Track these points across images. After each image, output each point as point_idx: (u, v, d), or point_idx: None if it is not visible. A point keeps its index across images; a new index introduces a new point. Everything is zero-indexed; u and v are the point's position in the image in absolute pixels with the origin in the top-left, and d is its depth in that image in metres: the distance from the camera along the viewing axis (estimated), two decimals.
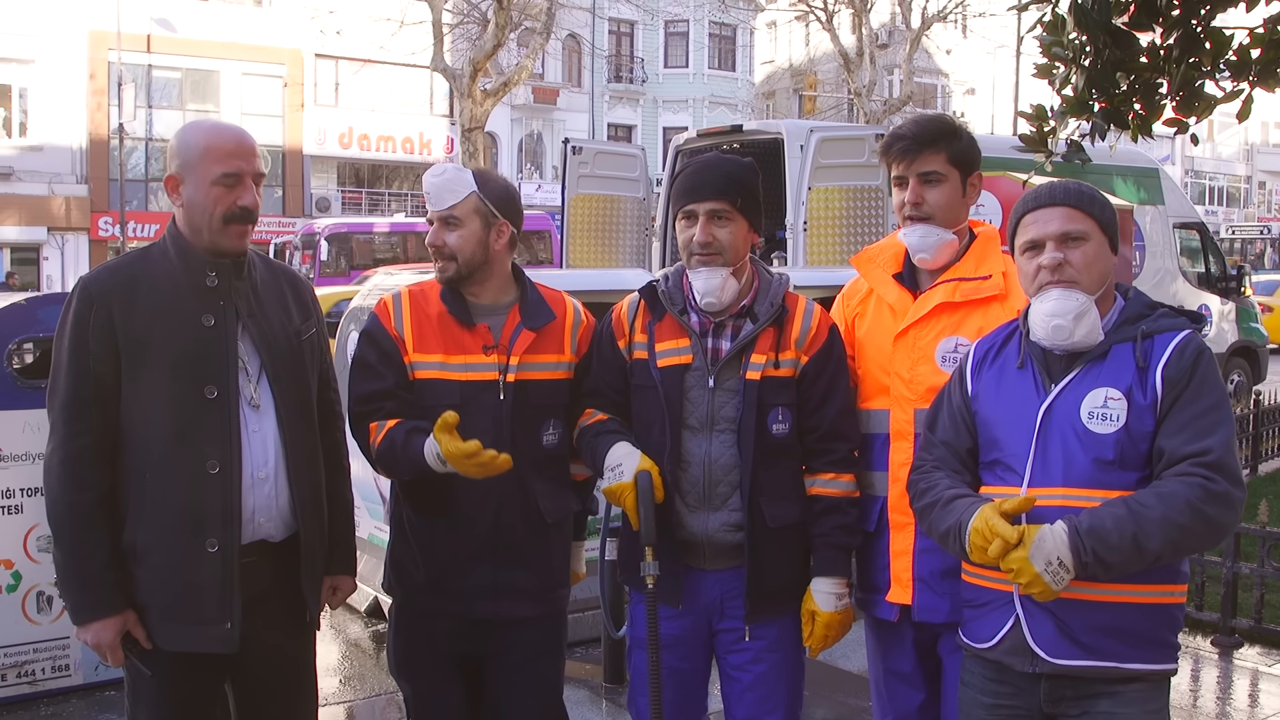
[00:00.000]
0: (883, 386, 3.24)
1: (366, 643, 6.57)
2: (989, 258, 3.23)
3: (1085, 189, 2.79)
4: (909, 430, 3.15)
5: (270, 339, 3.10)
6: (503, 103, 28.92)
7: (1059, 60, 7.05)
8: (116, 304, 2.94)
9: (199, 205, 2.99)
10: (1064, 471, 2.67)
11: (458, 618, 3.23)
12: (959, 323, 3.16)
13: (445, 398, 3.14)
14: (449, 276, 3.24)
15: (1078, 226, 2.74)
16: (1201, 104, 7.08)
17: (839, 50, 30.35)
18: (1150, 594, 2.65)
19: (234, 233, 3.02)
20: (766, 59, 51.79)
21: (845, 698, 5.42)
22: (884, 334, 3.26)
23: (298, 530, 3.12)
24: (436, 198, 3.24)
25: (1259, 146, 59.74)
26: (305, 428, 3.17)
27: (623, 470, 3.08)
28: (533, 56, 22.47)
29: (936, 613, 3.11)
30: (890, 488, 3.19)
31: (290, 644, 3.22)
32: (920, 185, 3.18)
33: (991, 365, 2.89)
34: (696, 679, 3.29)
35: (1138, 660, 2.65)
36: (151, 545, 2.97)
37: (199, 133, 3.04)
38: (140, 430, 2.96)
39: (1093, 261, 2.73)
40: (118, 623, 2.96)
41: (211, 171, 2.98)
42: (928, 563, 3.11)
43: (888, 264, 3.34)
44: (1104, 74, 6.95)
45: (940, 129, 3.22)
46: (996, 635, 2.76)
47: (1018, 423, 2.76)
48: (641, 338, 3.26)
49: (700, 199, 3.15)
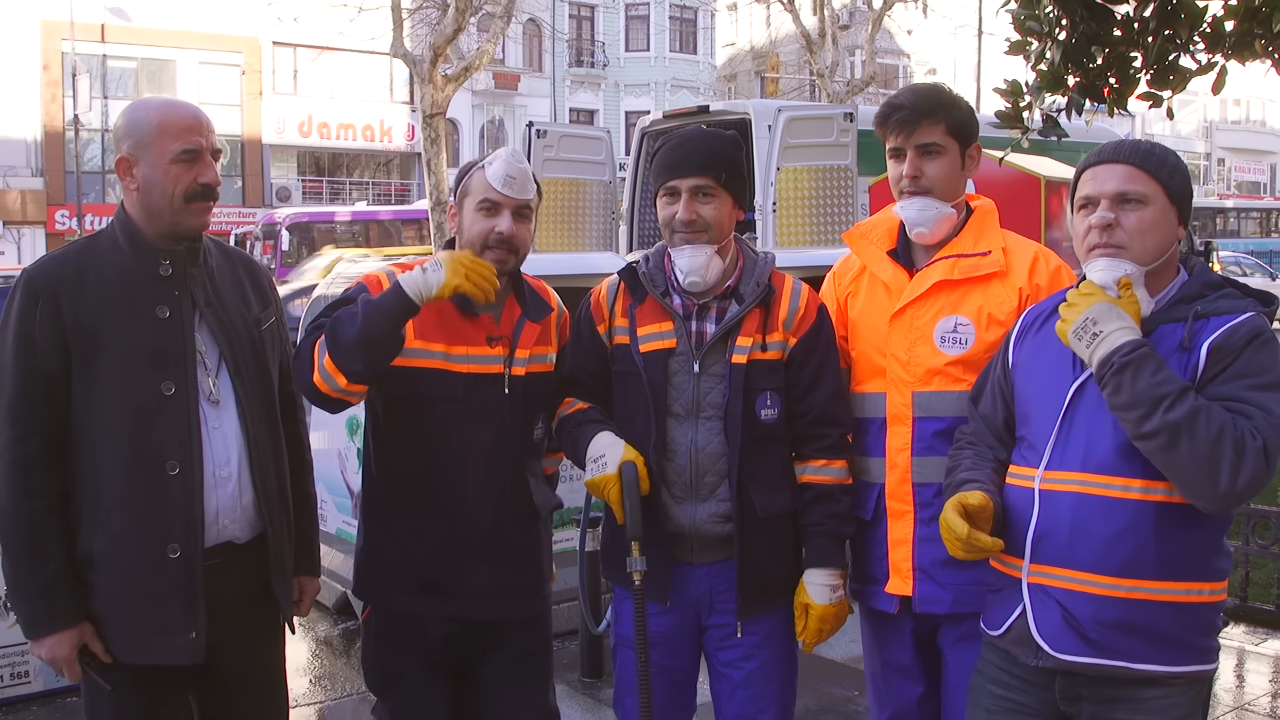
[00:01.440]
0: (878, 368, 3.11)
1: (336, 641, 6.41)
2: (987, 233, 3.10)
3: (1157, 149, 2.58)
4: (907, 414, 3.03)
5: (229, 329, 2.93)
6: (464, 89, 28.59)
7: (1033, 35, 6.97)
8: (64, 296, 2.76)
9: (157, 185, 2.82)
10: (1083, 456, 2.50)
11: (451, 621, 3.05)
12: (958, 301, 3.03)
13: (447, 390, 2.97)
14: (507, 270, 3.06)
15: (1137, 188, 2.51)
16: (1176, 77, 7.02)
17: (801, 31, 30.17)
18: (1174, 591, 2.44)
19: (196, 210, 2.85)
20: (728, 41, 51.65)
21: (829, 686, 5.31)
22: (879, 313, 3.13)
23: (264, 530, 2.96)
24: (521, 185, 3.04)
25: (1218, 124, 60.15)
26: (268, 422, 3.01)
27: (606, 461, 2.94)
28: (494, 41, 22.20)
29: (939, 604, 2.99)
30: (888, 474, 3.06)
31: (260, 650, 3.06)
32: (918, 158, 3.05)
33: (1035, 335, 2.72)
34: (685, 676, 3.16)
35: (1155, 662, 2.44)
36: (108, 552, 2.80)
37: (151, 110, 2.86)
38: (93, 431, 2.78)
39: (1149, 229, 2.50)
40: (74, 635, 2.79)
41: (169, 149, 2.80)
42: (928, 552, 2.99)
43: (881, 240, 3.20)
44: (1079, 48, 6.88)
45: (939, 99, 3.08)
46: (1005, 623, 2.62)
47: (1048, 399, 2.59)
48: (622, 322, 3.11)
49: (682, 174, 3.00)
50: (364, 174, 39.25)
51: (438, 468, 2.98)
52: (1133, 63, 6.99)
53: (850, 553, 3.19)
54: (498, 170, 3.01)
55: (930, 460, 3.00)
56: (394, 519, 3.07)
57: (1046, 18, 6.72)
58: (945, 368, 3.01)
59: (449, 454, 2.98)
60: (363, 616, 3.21)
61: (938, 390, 3.01)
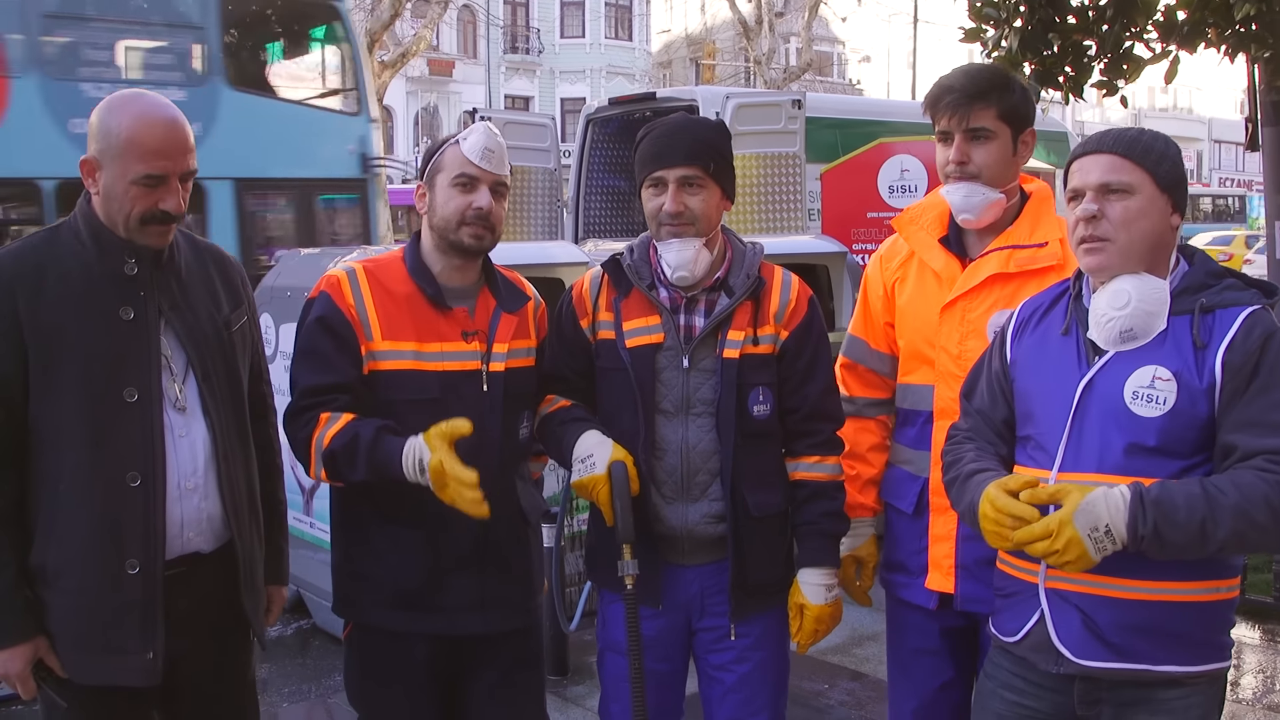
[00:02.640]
0: (926, 360, 3.01)
1: (289, 640, 6.26)
2: (1044, 222, 2.99)
3: (1144, 137, 2.49)
4: (955, 409, 2.90)
5: (197, 333, 2.77)
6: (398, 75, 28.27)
7: (990, 21, 6.96)
8: (21, 294, 2.58)
9: (116, 200, 2.63)
10: (1098, 456, 2.41)
11: (437, 637, 2.90)
12: (1013, 295, 2.90)
13: (421, 391, 2.79)
14: (483, 247, 2.89)
15: (1121, 178, 2.42)
16: (1131, 66, 7.05)
17: (737, 18, 30.20)
18: (1191, 591, 2.38)
19: (153, 233, 2.67)
20: (663, 28, 51.55)
21: (798, 680, 5.21)
22: (929, 304, 3.02)
23: (231, 539, 2.81)
24: (499, 160, 2.86)
25: (1146, 111, 61.04)
26: (237, 430, 2.85)
27: (594, 462, 2.82)
28: (430, 27, 21.98)
29: (982, 603, 2.87)
30: (933, 469, 2.95)
31: (226, 663, 2.91)
32: (966, 142, 2.93)
33: (1035, 329, 2.63)
34: (673, 680, 3.06)
35: (1174, 662, 2.39)
36: (63, 567, 2.63)
37: (124, 117, 2.62)
38: (51, 438, 2.61)
39: (1134, 218, 2.41)
40: (27, 651, 2.63)
41: (132, 170, 2.60)
42: (972, 550, 2.89)
43: (931, 226, 3.09)
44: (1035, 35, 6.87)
45: (992, 81, 2.95)
46: (1021, 629, 2.54)
47: (1054, 397, 2.50)
48: (607, 316, 2.99)
49: (669, 164, 2.87)
50: None
51: None
52: (1088, 51, 7.01)
53: (885, 542, 3.12)
54: (475, 143, 2.84)
55: None
56: (370, 529, 2.91)
57: (1004, 4, 6.71)
58: None
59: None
60: (344, 634, 3.05)
61: None
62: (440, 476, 2.59)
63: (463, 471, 2.58)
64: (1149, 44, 6.90)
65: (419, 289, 2.87)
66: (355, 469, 2.73)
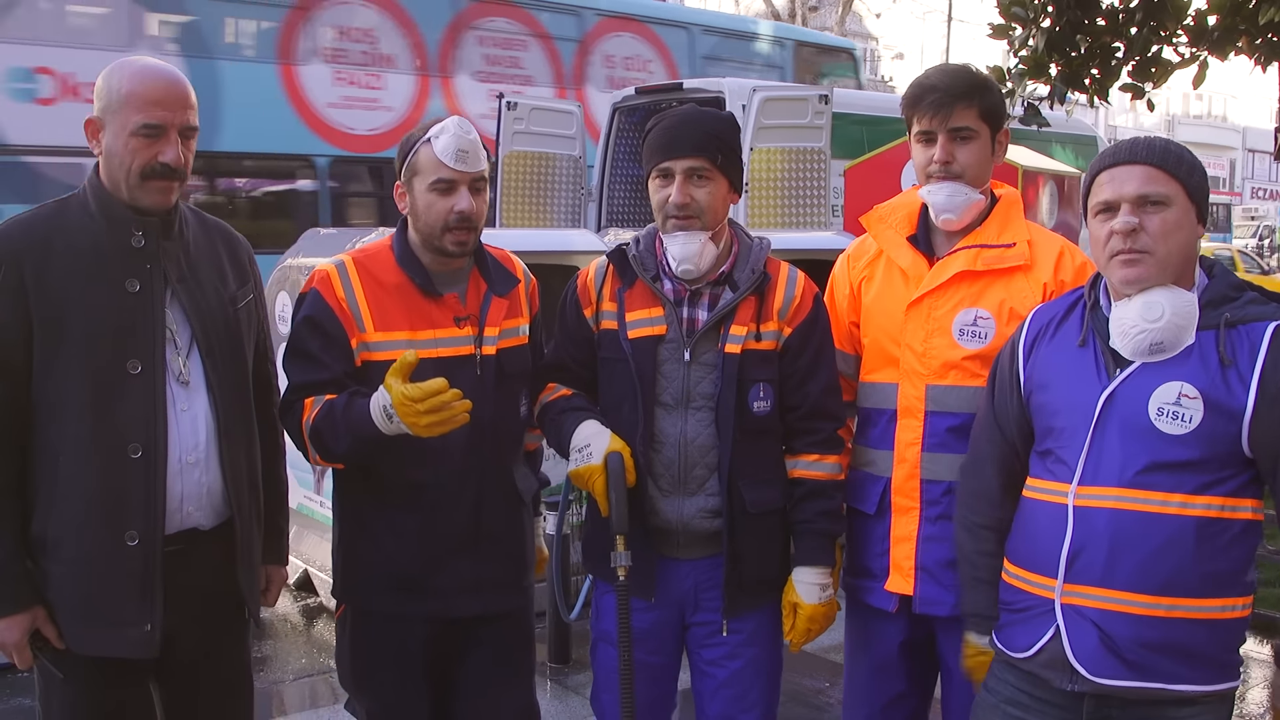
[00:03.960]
0: (891, 358, 3.00)
1: (295, 617, 6.30)
2: (1012, 224, 2.99)
3: (1173, 147, 2.45)
4: (919, 407, 2.92)
5: (203, 308, 2.78)
6: None
7: (1018, 21, 6.91)
8: (28, 265, 2.60)
9: (116, 156, 2.65)
10: (1119, 471, 2.36)
11: (432, 620, 2.91)
12: (979, 293, 2.92)
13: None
14: (467, 250, 2.89)
15: (1159, 189, 2.38)
16: (1158, 70, 6.99)
17: (771, 12, 30.08)
18: (1209, 608, 2.34)
19: (153, 189, 2.68)
20: None
21: (799, 677, 5.25)
22: (895, 301, 3.01)
23: (230, 517, 2.82)
24: (474, 158, 2.83)
25: (1180, 118, 60.54)
26: (240, 406, 2.86)
27: (591, 451, 2.82)
28: None
29: (940, 605, 2.90)
30: (895, 468, 2.96)
31: (222, 640, 2.92)
32: (950, 142, 2.92)
33: (1049, 341, 2.58)
34: (665, 673, 3.05)
35: (1192, 681, 2.35)
36: (63, 537, 2.65)
37: (124, 74, 2.67)
38: (53, 409, 2.63)
39: (1173, 230, 2.37)
40: (24, 620, 2.65)
41: (131, 120, 2.63)
42: (933, 551, 2.90)
43: (900, 225, 3.08)
44: (1063, 36, 6.83)
45: (973, 81, 2.95)
46: (1034, 646, 2.47)
47: (1075, 410, 2.44)
48: (610, 306, 2.98)
49: (676, 156, 2.85)
50: None
51: (412, 459, 2.79)
52: (1115, 53, 6.96)
53: (847, 545, 3.10)
54: (448, 145, 2.81)
55: (941, 457, 2.90)
56: (369, 515, 2.92)
57: (1032, 3, 6.66)
58: (962, 362, 2.90)
59: (423, 444, 2.72)
60: (337, 614, 3.06)
61: (953, 385, 2.91)
62: (407, 407, 2.57)
63: (425, 385, 2.56)
64: (1178, 48, 6.85)
65: (409, 278, 2.87)
66: (338, 438, 2.74)
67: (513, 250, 3.16)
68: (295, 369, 2.86)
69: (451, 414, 2.60)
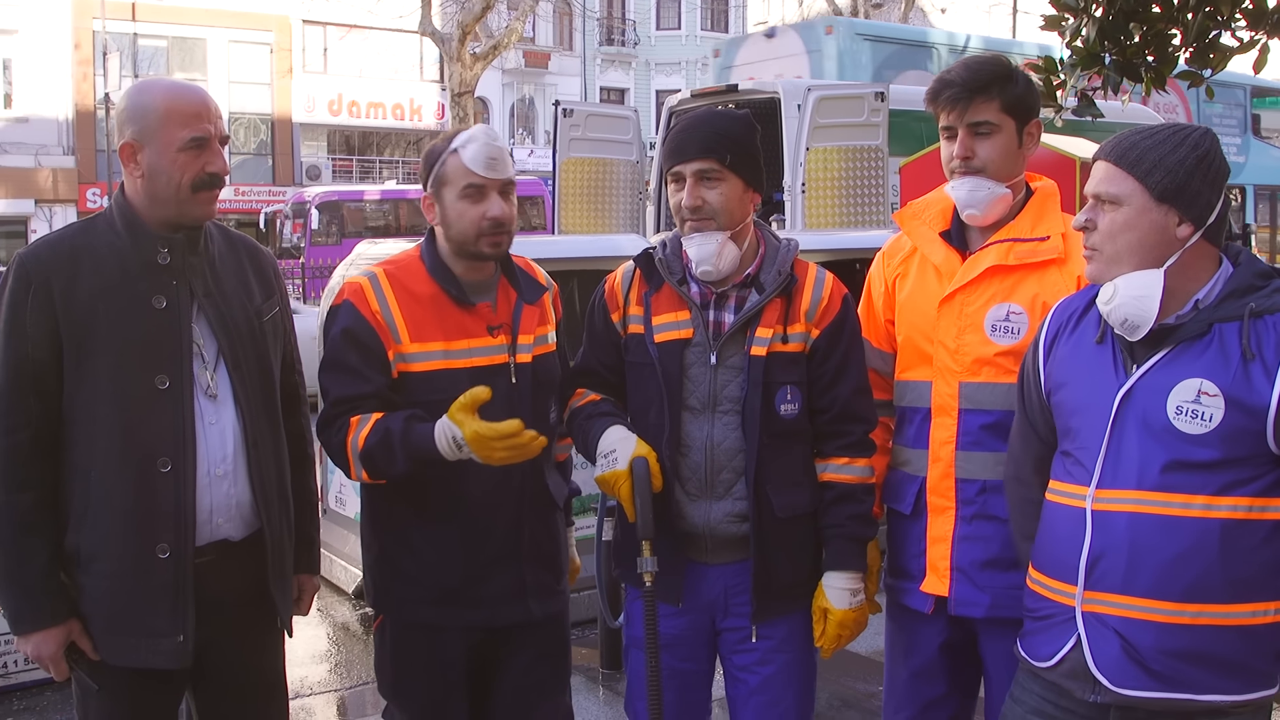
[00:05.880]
0: (925, 355, 2.95)
1: (355, 625, 6.35)
2: (1047, 216, 2.92)
3: (1143, 143, 2.35)
4: (953, 405, 2.86)
5: (229, 322, 2.81)
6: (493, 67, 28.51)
7: (1069, 10, 6.78)
8: (57, 284, 2.65)
9: (164, 173, 2.70)
10: (1138, 473, 2.28)
11: (472, 630, 2.91)
12: (1012, 288, 2.86)
13: (454, 388, 2.74)
14: (502, 252, 2.92)
15: (1109, 189, 2.32)
16: (1216, 56, 6.82)
17: (833, 9, 29.92)
18: (1239, 614, 2.24)
19: (203, 199, 2.74)
20: (759, 20, 51.21)
21: (851, 681, 5.20)
22: (928, 298, 2.96)
23: (260, 528, 2.85)
24: (501, 164, 2.86)
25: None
26: (268, 418, 2.89)
27: (617, 457, 2.80)
28: (522, 19, 22.15)
29: (975, 606, 2.84)
30: (930, 467, 2.91)
31: (255, 651, 2.95)
32: (970, 137, 2.87)
33: (1069, 338, 2.51)
34: (698, 680, 3.03)
35: (1222, 691, 2.25)
36: (96, 551, 2.70)
37: (156, 94, 2.73)
38: (84, 424, 2.68)
39: (1120, 231, 2.30)
40: (60, 633, 2.70)
41: (177, 137, 2.68)
42: (968, 551, 2.84)
43: (934, 220, 3.03)
44: (1116, 24, 6.68)
45: (993, 73, 2.88)
46: (1056, 655, 2.40)
47: (1092, 409, 2.37)
48: (637, 310, 2.97)
49: (685, 158, 2.84)
50: (394, 153, 39.15)
51: (451, 470, 2.78)
52: (1171, 40, 6.80)
53: (887, 546, 3.06)
54: (477, 153, 2.83)
55: (976, 455, 2.85)
56: (408, 527, 2.92)
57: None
58: (995, 358, 2.84)
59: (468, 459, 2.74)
60: (375, 625, 3.06)
61: (986, 381, 2.85)
62: (483, 444, 2.62)
63: (501, 426, 2.61)
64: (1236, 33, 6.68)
65: (442, 289, 2.88)
66: (394, 462, 2.75)
67: (561, 256, 3.16)
68: (335, 382, 2.88)
69: (526, 447, 2.64)
